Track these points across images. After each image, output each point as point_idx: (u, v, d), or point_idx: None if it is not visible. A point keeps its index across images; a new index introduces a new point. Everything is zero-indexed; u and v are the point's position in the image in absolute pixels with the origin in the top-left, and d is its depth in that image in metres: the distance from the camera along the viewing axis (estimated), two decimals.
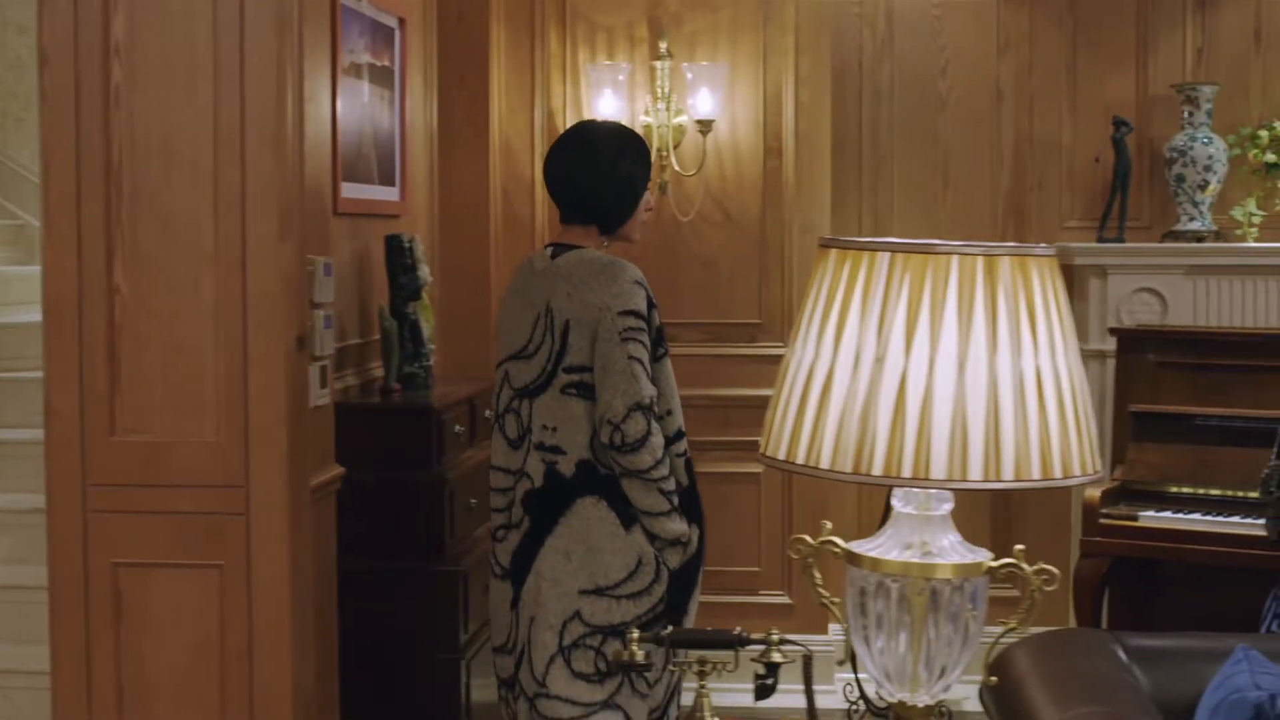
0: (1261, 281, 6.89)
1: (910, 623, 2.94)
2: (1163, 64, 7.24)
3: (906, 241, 2.81)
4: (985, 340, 2.73)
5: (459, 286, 6.68)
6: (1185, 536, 5.62)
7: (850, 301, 2.82)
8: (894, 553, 2.97)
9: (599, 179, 4.36)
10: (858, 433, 2.77)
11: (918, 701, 2.99)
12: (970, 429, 2.72)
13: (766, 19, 6.86)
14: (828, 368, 2.83)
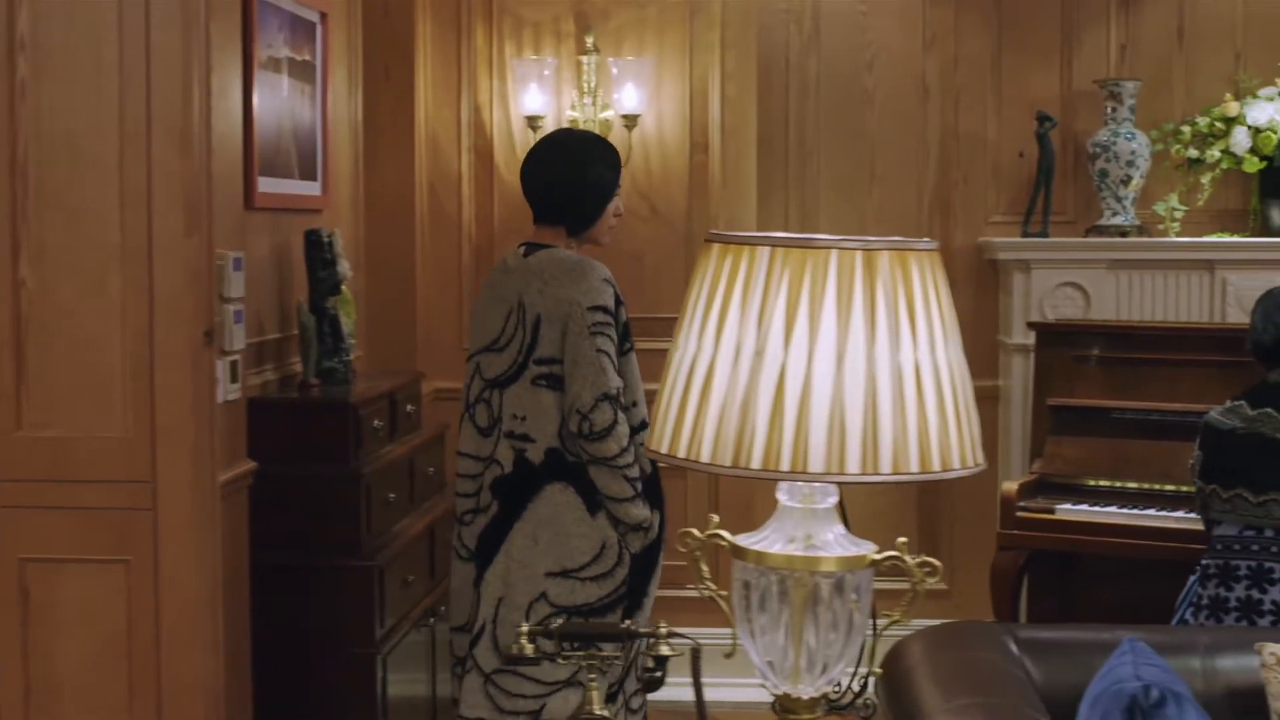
0: (1184, 276, 6.93)
1: (792, 616, 2.95)
2: (1087, 60, 7.28)
3: (786, 236, 2.82)
4: (864, 334, 2.75)
5: (384, 282, 6.68)
6: (1101, 529, 5.66)
7: (731, 296, 2.83)
8: (778, 546, 2.98)
9: (568, 182, 4.62)
10: (737, 426, 2.78)
11: (801, 694, 3.00)
12: (848, 422, 2.74)
13: (693, 14, 6.87)
14: (709, 362, 2.84)
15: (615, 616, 4.44)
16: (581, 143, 4.78)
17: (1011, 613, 5.77)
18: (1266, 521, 4.66)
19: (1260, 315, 4.83)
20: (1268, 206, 7.07)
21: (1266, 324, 4.79)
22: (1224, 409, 4.82)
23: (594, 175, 4.66)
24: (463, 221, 6.97)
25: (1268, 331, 4.78)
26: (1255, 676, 3.32)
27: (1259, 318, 4.82)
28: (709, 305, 2.87)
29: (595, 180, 4.66)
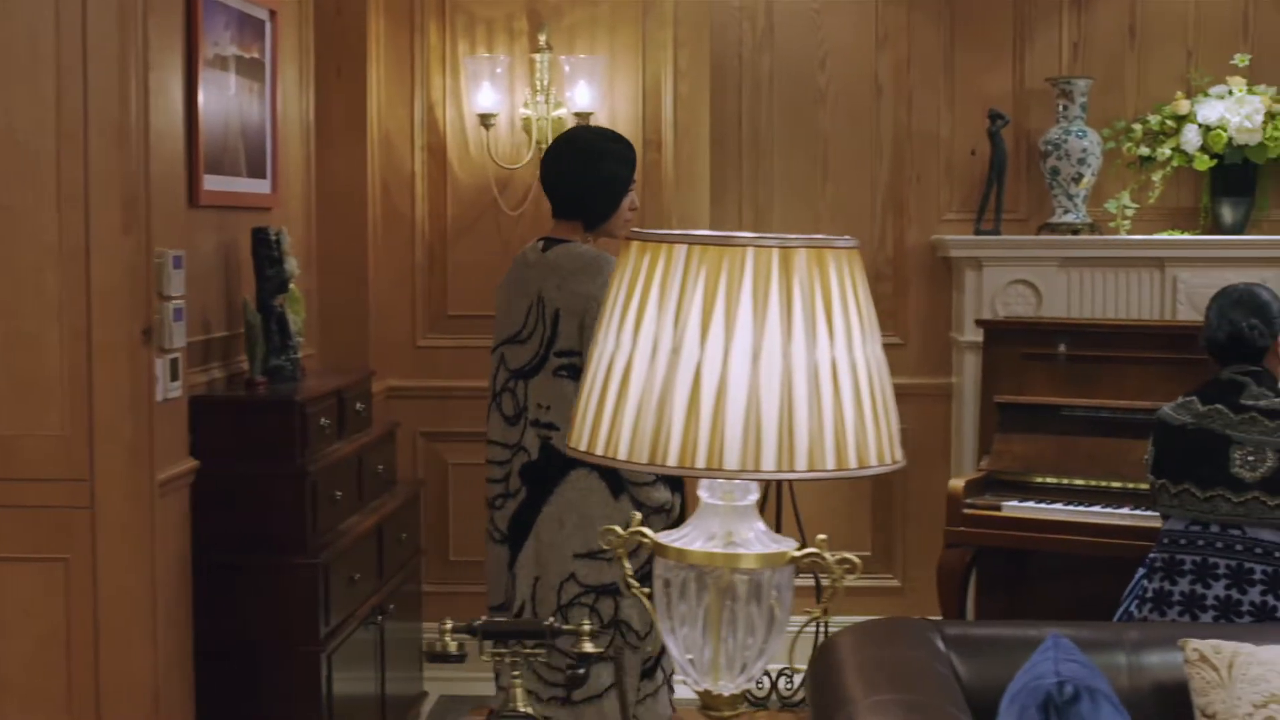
0: (1134, 274, 6.95)
1: (712, 612, 2.96)
2: (1039, 58, 7.30)
3: (704, 234, 2.83)
4: (779, 331, 2.75)
5: (336, 280, 6.68)
6: (1047, 526, 5.67)
7: (649, 294, 2.84)
8: (698, 543, 2.99)
9: (583, 178, 4.77)
10: (654, 423, 2.78)
11: (722, 690, 3.01)
12: (764, 420, 2.74)
13: (646, 12, 6.87)
14: (626, 359, 2.85)
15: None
16: (597, 139, 4.91)
17: (959, 610, 5.78)
18: (1212, 517, 4.67)
19: (1215, 312, 4.84)
20: (1218, 204, 7.10)
21: (1221, 321, 4.80)
22: (1176, 405, 4.84)
23: (608, 171, 4.80)
24: (416, 219, 6.96)
25: (1222, 329, 4.79)
26: (1180, 672, 3.34)
27: (1214, 315, 4.84)
28: (627, 303, 2.87)
29: (609, 175, 4.80)
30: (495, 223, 6.92)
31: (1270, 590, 4.59)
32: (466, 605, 6.64)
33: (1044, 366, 6.08)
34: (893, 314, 7.35)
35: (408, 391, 7.00)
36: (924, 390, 7.28)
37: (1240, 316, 4.75)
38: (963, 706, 3.04)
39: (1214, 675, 3.23)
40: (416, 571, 6.58)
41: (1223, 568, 4.63)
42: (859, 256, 2.96)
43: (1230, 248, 6.98)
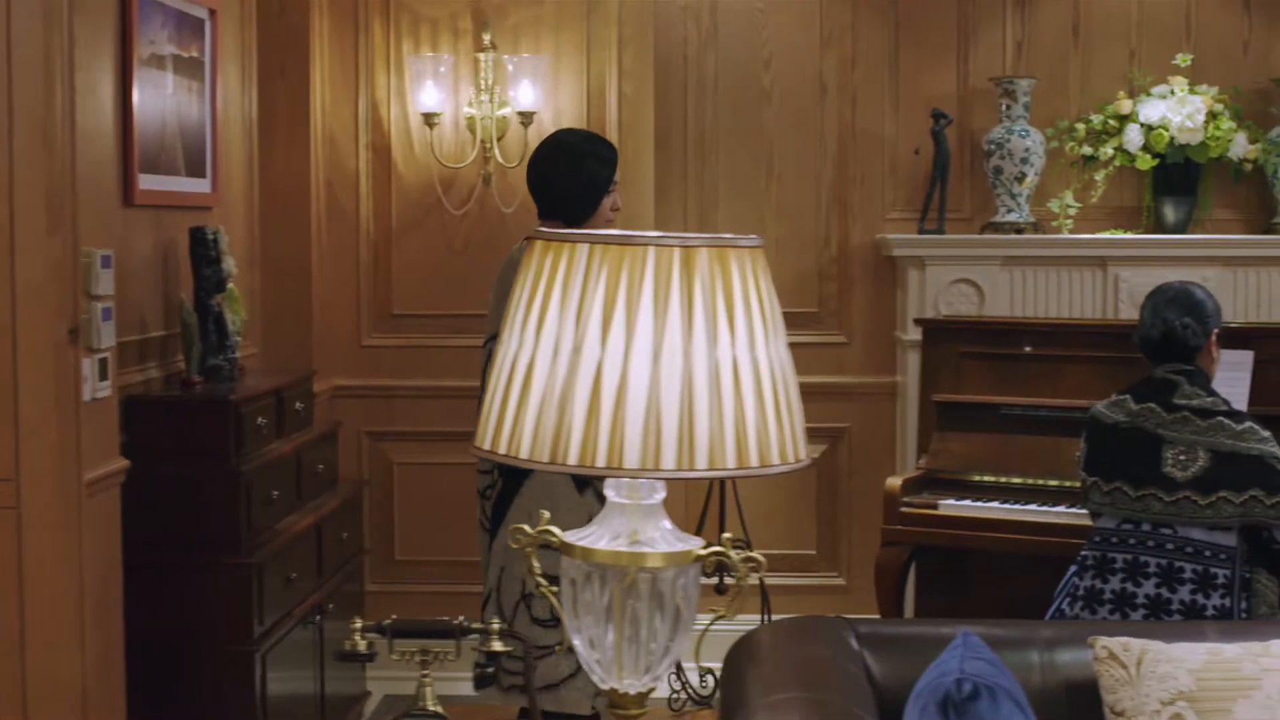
0: (1076, 273, 6.98)
1: (617, 611, 2.96)
2: (983, 58, 7.32)
3: (606, 233, 2.83)
4: (680, 330, 2.76)
5: (280, 279, 6.67)
6: (984, 524, 5.68)
7: (552, 293, 2.84)
8: (603, 542, 2.99)
9: (563, 178, 4.97)
10: (555, 422, 2.79)
11: (629, 689, 3.01)
12: (664, 418, 2.75)
13: (590, 11, 6.88)
14: (529, 359, 2.85)
15: None
16: (579, 141, 5.10)
17: (896, 608, 5.79)
18: (1144, 516, 4.69)
19: (1149, 311, 4.85)
20: (1160, 204, 7.13)
21: (1155, 319, 4.81)
22: (1109, 403, 4.86)
23: (588, 171, 4.97)
24: (360, 218, 6.96)
25: (1155, 327, 4.80)
26: (1092, 670, 3.35)
27: (1148, 313, 4.85)
28: (530, 302, 2.88)
29: (589, 176, 4.97)
30: (440, 222, 6.92)
31: (1200, 589, 4.61)
32: (413, 604, 6.67)
33: (983, 365, 6.09)
34: (837, 313, 7.36)
35: (353, 391, 7.00)
36: (869, 389, 7.30)
37: (1174, 315, 4.77)
38: (870, 704, 3.05)
39: (1123, 673, 3.24)
40: (359, 571, 6.58)
41: (1153, 566, 4.65)
42: (763, 255, 2.96)
43: (1172, 247, 7.01)
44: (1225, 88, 7.15)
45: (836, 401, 7.33)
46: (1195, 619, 4.55)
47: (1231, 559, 4.62)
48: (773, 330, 2.89)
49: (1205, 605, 4.59)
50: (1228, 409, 4.69)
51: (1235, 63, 7.30)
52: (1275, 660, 3.28)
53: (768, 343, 2.87)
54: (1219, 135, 6.97)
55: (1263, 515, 4.60)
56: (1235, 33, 7.30)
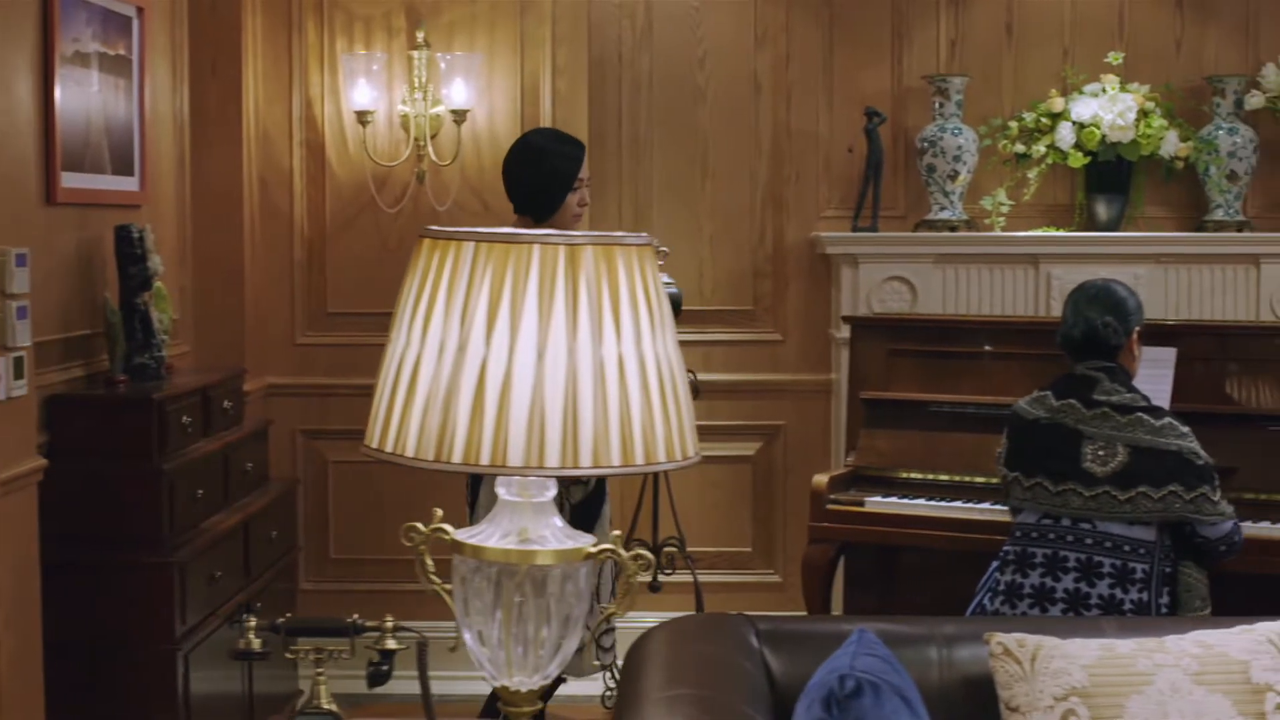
0: (1009, 270, 7.00)
1: (507, 609, 2.97)
2: (917, 56, 7.34)
3: (492, 231, 2.84)
4: (565, 328, 2.76)
5: (212, 277, 6.65)
6: (909, 521, 5.69)
7: (438, 291, 2.85)
8: (494, 540, 3.00)
9: (528, 174, 5.24)
10: (440, 421, 2.79)
11: (519, 686, 3.02)
12: (548, 416, 2.75)
13: (524, 9, 6.88)
14: (415, 357, 2.86)
15: None
16: (545, 140, 5.35)
17: (824, 605, 5.80)
18: (1064, 511, 4.72)
19: (1071, 309, 4.88)
20: (1093, 201, 7.16)
21: (1076, 318, 4.84)
22: (1031, 399, 4.88)
23: (549, 168, 5.22)
24: (294, 216, 6.95)
25: (1077, 325, 4.83)
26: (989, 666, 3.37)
27: (1069, 311, 4.88)
28: (418, 301, 2.88)
29: (550, 172, 5.21)
30: (374, 220, 6.91)
31: (1118, 584, 4.63)
32: (348, 602, 6.63)
33: (911, 363, 6.11)
34: (772, 311, 7.38)
35: (287, 389, 6.98)
36: (804, 387, 7.31)
37: (1096, 314, 4.80)
38: (765, 701, 3.06)
39: (1017, 668, 3.25)
40: (292, 569, 6.57)
41: (1072, 561, 4.67)
42: (651, 253, 2.97)
43: (1102, 244, 7.03)
44: (1157, 86, 7.17)
45: (772, 399, 7.35)
46: (1113, 613, 4.58)
47: (1150, 554, 4.65)
48: (659, 327, 2.90)
49: (1123, 600, 4.61)
50: (1147, 405, 4.72)
51: (1168, 61, 7.33)
52: (1168, 656, 3.30)
53: (654, 340, 2.88)
54: (1150, 133, 7.00)
55: (1182, 510, 4.63)
56: (1168, 31, 7.34)
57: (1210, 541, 4.71)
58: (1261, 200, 7.33)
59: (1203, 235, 7.11)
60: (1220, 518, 4.68)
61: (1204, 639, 3.37)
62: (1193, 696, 3.22)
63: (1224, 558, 4.78)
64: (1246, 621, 3.48)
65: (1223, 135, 7.07)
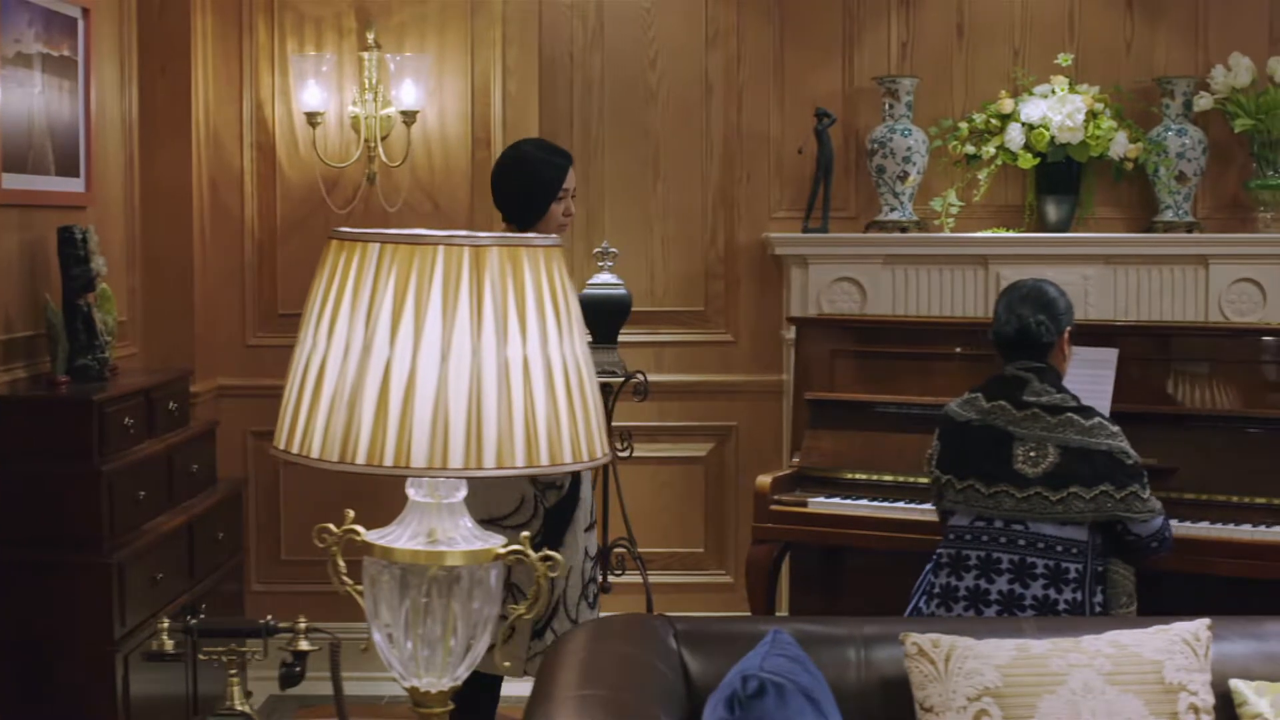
0: (958, 271, 7.02)
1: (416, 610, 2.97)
2: (869, 57, 7.36)
3: (397, 232, 2.84)
4: (469, 330, 2.77)
5: (161, 278, 6.64)
6: (852, 521, 5.70)
7: (344, 292, 2.85)
8: (402, 541, 3.00)
9: (512, 183, 5.19)
10: (344, 422, 2.80)
11: (430, 687, 3.02)
12: (452, 417, 2.76)
13: (474, 10, 6.87)
14: (321, 358, 2.86)
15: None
16: (531, 149, 5.32)
17: (767, 605, 5.81)
18: (997, 513, 4.72)
19: (1004, 307, 4.88)
20: (1043, 202, 7.18)
21: (1009, 316, 4.84)
22: (962, 401, 4.89)
23: (534, 175, 5.17)
24: (245, 217, 6.94)
25: (1010, 323, 4.83)
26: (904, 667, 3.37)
27: (1002, 309, 4.88)
28: (324, 301, 2.89)
29: (535, 179, 5.17)
30: (324, 221, 6.90)
31: (1052, 584, 4.64)
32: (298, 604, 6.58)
33: (856, 363, 6.12)
34: (724, 312, 7.39)
35: (237, 390, 6.97)
36: (755, 387, 7.33)
37: (1028, 312, 4.80)
38: (677, 701, 3.07)
39: (931, 669, 3.26)
40: (239, 570, 6.55)
41: (1006, 563, 4.68)
42: (560, 255, 2.97)
43: (1051, 245, 7.06)
44: (1107, 87, 7.20)
45: (723, 400, 7.37)
46: (1048, 614, 4.59)
47: (1083, 553, 4.66)
48: (567, 329, 2.90)
49: (1057, 600, 4.63)
50: (1077, 405, 4.74)
51: (1118, 62, 7.36)
52: (1083, 656, 3.31)
53: (561, 341, 2.88)
54: (1099, 134, 7.02)
55: (1113, 509, 4.64)
56: (1118, 33, 7.36)
57: (1142, 539, 4.73)
58: (1211, 201, 7.36)
59: (1151, 236, 7.13)
60: (1151, 514, 4.70)
61: (1119, 639, 3.38)
62: (1105, 696, 3.23)
63: (1155, 554, 4.80)
64: (1164, 621, 3.50)
65: (1172, 136, 7.10)
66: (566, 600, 5.07)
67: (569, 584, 5.07)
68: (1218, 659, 3.47)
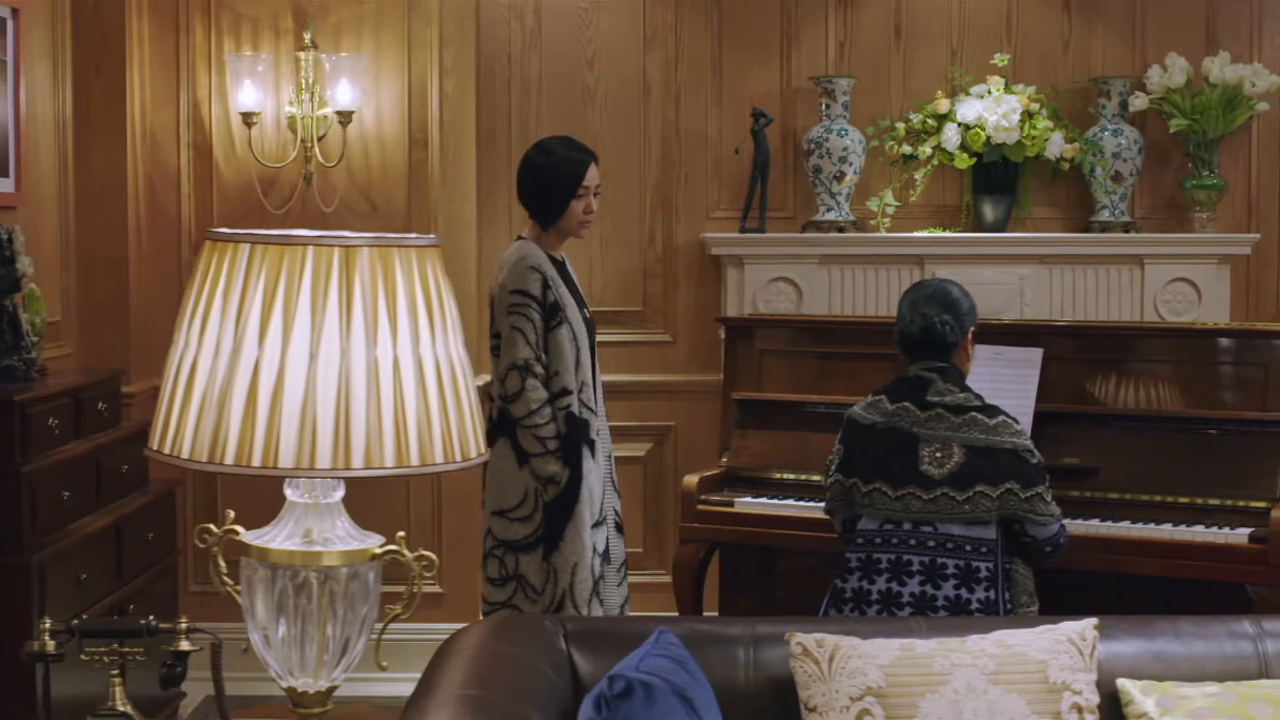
0: (894, 270, 7.03)
1: (291, 610, 2.98)
2: (806, 57, 7.37)
3: (266, 233, 2.85)
4: (338, 330, 2.77)
5: (96, 278, 6.63)
6: (778, 521, 5.71)
7: (215, 293, 2.86)
8: (278, 541, 3.01)
9: (532, 180, 5.44)
10: (214, 422, 2.80)
11: (308, 688, 3.02)
12: (320, 418, 2.76)
13: (411, 10, 6.87)
14: (193, 359, 2.87)
15: (537, 554, 5.22)
16: (555, 145, 5.51)
17: (695, 606, 5.82)
18: (905, 515, 4.72)
19: (908, 307, 4.88)
20: (980, 202, 7.20)
21: (914, 315, 4.84)
22: (865, 404, 4.89)
23: (552, 171, 5.39)
24: (182, 218, 6.93)
25: (915, 323, 4.83)
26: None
27: (906, 309, 4.88)
28: (197, 302, 2.89)
29: (552, 176, 5.38)
30: (261, 221, 6.88)
31: (963, 584, 4.65)
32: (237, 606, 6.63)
33: (784, 363, 6.12)
34: (662, 311, 7.41)
35: None
36: (694, 387, 7.33)
37: (933, 312, 4.80)
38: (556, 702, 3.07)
39: (815, 669, 3.26)
40: (172, 571, 6.54)
41: (916, 564, 4.68)
42: (436, 255, 2.97)
43: (987, 245, 7.08)
44: (1044, 87, 7.22)
45: (662, 400, 7.38)
46: (961, 614, 4.59)
47: (993, 551, 4.67)
48: (440, 329, 2.91)
49: (970, 599, 4.63)
50: (981, 404, 4.74)
51: (1056, 62, 7.38)
52: (967, 656, 3.31)
53: (434, 341, 2.89)
54: (1035, 135, 7.04)
55: (1018, 508, 4.65)
56: (1055, 33, 7.39)
57: (1037, 542, 4.74)
58: (1149, 201, 7.39)
59: (1087, 236, 7.15)
60: (1050, 519, 4.72)
61: (1005, 639, 3.39)
62: (988, 696, 3.24)
63: (1048, 558, 4.82)
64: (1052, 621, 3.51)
65: (1108, 137, 7.12)
66: (575, 597, 5.21)
67: (576, 580, 5.19)
68: (1107, 658, 3.49)
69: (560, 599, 5.21)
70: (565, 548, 5.21)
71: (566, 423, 5.24)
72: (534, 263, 5.31)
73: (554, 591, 5.22)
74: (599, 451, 5.35)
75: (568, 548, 5.21)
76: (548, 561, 5.23)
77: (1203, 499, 5.40)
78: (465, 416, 2.93)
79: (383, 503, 6.84)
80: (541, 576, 5.22)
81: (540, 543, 5.23)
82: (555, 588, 5.22)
